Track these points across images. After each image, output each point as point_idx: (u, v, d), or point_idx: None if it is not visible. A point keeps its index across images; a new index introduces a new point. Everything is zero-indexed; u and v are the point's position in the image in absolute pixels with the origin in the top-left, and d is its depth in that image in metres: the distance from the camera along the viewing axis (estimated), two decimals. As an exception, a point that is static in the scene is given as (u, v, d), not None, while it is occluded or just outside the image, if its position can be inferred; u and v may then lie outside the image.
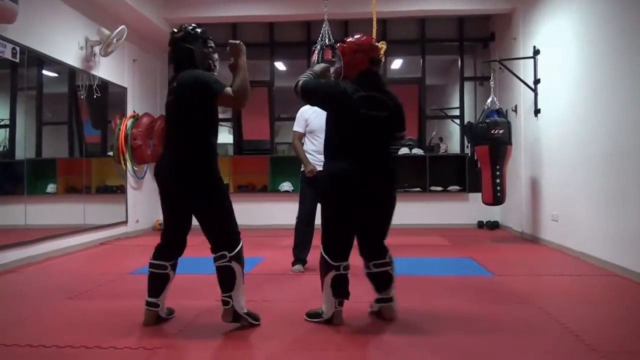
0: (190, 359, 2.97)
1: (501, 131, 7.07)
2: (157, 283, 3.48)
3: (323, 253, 3.44)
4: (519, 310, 3.82)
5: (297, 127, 5.40)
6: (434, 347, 3.07)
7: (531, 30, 7.52)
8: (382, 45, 5.80)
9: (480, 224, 9.14)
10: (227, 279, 3.29)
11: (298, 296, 4.25)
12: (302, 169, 5.30)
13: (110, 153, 7.92)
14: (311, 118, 5.29)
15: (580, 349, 2.99)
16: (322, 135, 5.16)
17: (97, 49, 7.16)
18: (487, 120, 7.18)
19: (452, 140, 10.38)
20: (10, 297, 4.41)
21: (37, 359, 2.90)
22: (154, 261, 3.48)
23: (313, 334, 3.30)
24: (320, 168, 5.08)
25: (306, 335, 3.28)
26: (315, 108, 5.41)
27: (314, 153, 5.23)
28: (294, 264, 5.29)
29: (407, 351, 3.03)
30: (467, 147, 9.39)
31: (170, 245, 3.49)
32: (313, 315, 3.53)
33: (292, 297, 4.28)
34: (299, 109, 5.42)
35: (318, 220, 5.17)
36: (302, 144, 5.39)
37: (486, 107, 7.52)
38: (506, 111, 8.01)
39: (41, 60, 6.28)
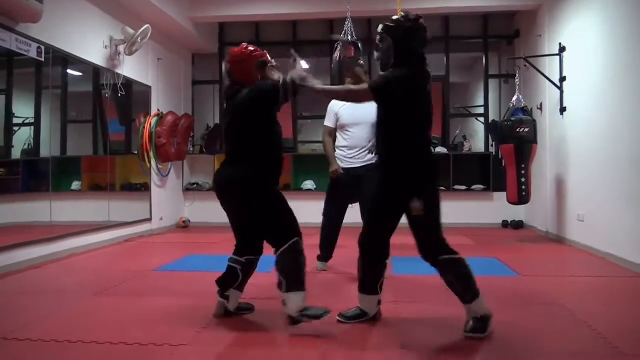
0: (215, 355, 2.96)
1: (527, 129, 6.98)
2: None
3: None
4: (545, 311, 3.77)
5: (328, 122, 5.19)
6: (460, 348, 3.04)
7: (557, 27, 7.41)
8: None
9: (505, 224, 9.04)
10: None
11: (320, 293, 4.23)
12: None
13: (135, 151, 7.98)
14: (341, 112, 5.05)
15: (608, 352, 2.94)
16: (354, 130, 5.03)
17: (121, 48, 7.21)
18: (513, 119, 7.10)
19: (477, 139, 10.28)
20: (35, 292, 4.45)
21: (63, 354, 2.92)
22: None
23: (335, 332, 3.28)
24: (351, 165, 5.01)
25: (328, 332, 3.25)
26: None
27: (345, 149, 5.04)
28: (319, 259, 5.23)
29: (433, 351, 3.00)
30: (492, 145, 9.29)
31: None
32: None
33: (314, 295, 4.26)
34: (323, 107, 5.27)
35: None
36: (335, 139, 5.17)
37: (511, 105, 7.42)
38: (531, 109, 7.91)
39: (66, 59, 6.35)
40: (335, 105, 5.14)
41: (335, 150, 5.15)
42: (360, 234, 3.43)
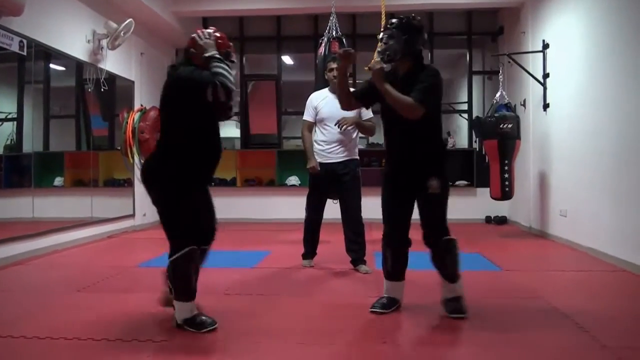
0: (199, 350, 2.95)
1: (510, 125, 7.03)
2: None
3: None
4: (527, 305, 3.79)
5: (307, 115, 5.05)
6: (443, 342, 3.06)
7: (540, 24, 7.46)
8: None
9: (488, 219, 9.11)
10: None
11: (306, 290, 4.24)
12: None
13: (119, 147, 7.92)
14: (321, 105, 4.95)
15: (590, 344, 2.97)
16: (333, 125, 4.83)
17: (104, 42, 7.14)
18: (496, 115, 7.14)
19: (460, 135, 10.34)
20: (18, 289, 4.42)
21: (45, 351, 2.89)
22: None
23: (321, 327, 3.29)
24: (328, 160, 4.93)
25: (315, 328, 3.27)
26: (327, 94, 5.03)
27: (323, 144, 4.96)
28: (304, 257, 5.20)
29: (416, 347, 3.01)
30: (475, 141, 9.34)
31: None
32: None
33: (300, 291, 4.27)
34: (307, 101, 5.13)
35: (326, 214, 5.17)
36: (314, 133, 5.09)
37: (495, 101, 7.47)
38: (515, 105, 7.96)
39: (48, 54, 6.28)
40: (314, 99, 5.06)
41: (313, 145, 5.06)
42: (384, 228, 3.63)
